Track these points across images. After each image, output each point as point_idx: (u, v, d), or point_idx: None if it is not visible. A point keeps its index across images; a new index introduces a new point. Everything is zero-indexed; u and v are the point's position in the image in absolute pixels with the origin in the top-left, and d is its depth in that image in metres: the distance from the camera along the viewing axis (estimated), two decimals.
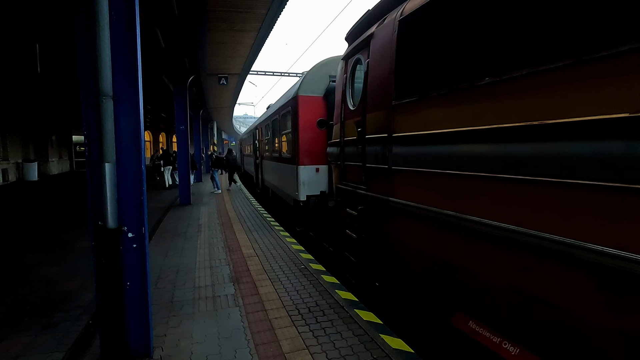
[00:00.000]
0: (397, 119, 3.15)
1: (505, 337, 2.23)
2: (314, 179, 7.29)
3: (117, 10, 2.46)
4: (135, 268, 2.69)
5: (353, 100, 4.28)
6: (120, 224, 2.58)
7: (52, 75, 12.41)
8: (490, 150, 2.17)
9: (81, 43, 2.49)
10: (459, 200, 2.44)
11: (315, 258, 5.55)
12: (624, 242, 1.50)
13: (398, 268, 3.34)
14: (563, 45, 1.76)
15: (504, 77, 2.08)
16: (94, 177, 2.51)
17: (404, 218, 3.12)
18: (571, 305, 1.75)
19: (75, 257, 5.55)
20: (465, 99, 2.40)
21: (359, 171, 3.93)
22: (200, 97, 17.30)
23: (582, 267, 1.67)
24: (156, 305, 3.74)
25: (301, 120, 7.23)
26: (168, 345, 3.00)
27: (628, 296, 1.51)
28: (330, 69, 7.25)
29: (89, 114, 2.50)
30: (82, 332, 3.23)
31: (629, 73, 1.49)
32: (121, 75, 2.53)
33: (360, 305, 3.77)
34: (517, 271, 2.03)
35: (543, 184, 1.83)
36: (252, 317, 3.47)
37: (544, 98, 1.85)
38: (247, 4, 7.30)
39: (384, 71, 3.41)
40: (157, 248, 6.07)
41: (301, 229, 8.10)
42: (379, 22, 3.74)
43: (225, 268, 4.98)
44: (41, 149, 21.24)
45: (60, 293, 4.12)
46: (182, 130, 11.26)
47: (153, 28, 8.09)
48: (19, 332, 3.21)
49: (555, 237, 1.77)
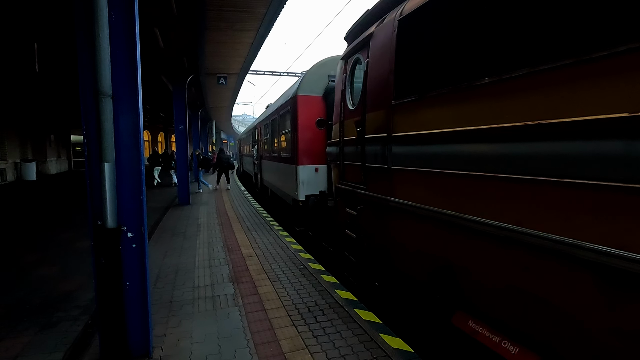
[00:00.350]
0: (397, 119, 3.16)
1: (505, 337, 2.24)
2: (313, 179, 7.29)
3: (116, 10, 2.46)
4: (135, 268, 2.68)
5: (352, 100, 4.28)
6: (120, 224, 2.58)
7: (51, 74, 12.36)
8: (490, 150, 2.18)
9: (80, 42, 2.48)
10: (459, 200, 2.44)
11: (314, 258, 5.55)
12: (623, 242, 1.50)
13: (397, 267, 3.34)
14: (561, 45, 1.77)
15: (503, 76, 2.09)
16: (93, 176, 2.50)
17: (404, 217, 3.12)
18: (571, 305, 1.76)
19: (73, 257, 5.54)
20: (464, 98, 2.40)
21: (359, 171, 3.93)
22: (199, 96, 17.27)
23: (582, 266, 1.68)
24: (155, 305, 3.73)
25: (300, 119, 7.23)
26: (167, 345, 2.99)
27: (628, 296, 1.52)
28: (330, 68, 7.25)
29: (88, 114, 2.49)
30: (82, 332, 3.22)
31: (627, 73, 1.49)
32: (120, 74, 2.52)
33: (359, 304, 3.77)
34: (516, 270, 2.03)
35: (542, 183, 1.84)
36: (252, 317, 3.47)
37: (543, 98, 1.85)
38: (247, 4, 7.28)
39: (383, 71, 3.41)
40: (157, 248, 6.06)
41: (300, 229, 8.10)
42: (378, 21, 3.74)
43: (224, 268, 4.97)
44: (39, 149, 21.17)
45: (59, 293, 4.11)
46: (181, 130, 11.24)
47: (152, 27, 8.06)
48: (18, 332, 3.21)
49: (554, 237, 1.77)
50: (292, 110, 7.52)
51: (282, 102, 8.77)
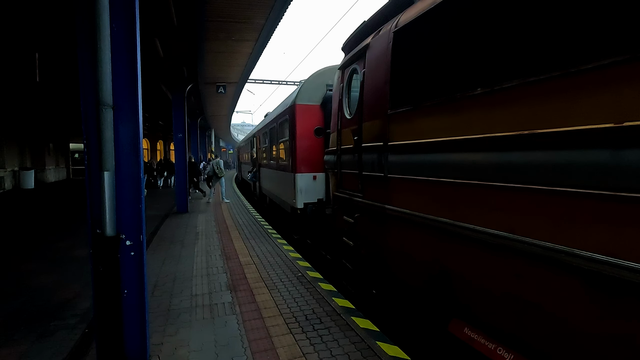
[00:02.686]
0: (393, 128, 3.21)
1: (500, 344, 2.26)
2: (311, 187, 7.32)
3: (117, 22, 2.52)
4: (133, 276, 2.70)
5: (350, 109, 4.34)
6: (119, 232, 2.60)
7: (51, 83, 12.46)
8: (482, 159, 2.22)
9: (82, 54, 2.53)
10: (454, 208, 2.48)
11: (312, 266, 5.55)
12: (613, 249, 1.54)
13: (394, 275, 3.36)
14: (550, 58, 1.83)
15: (495, 87, 2.14)
16: (93, 185, 2.53)
17: (400, 225, 3.15)
18: (563, 311, 1.78)
19: (71, 265, 5.53)
20: (458, 108, 2.45)
21: (356, 179, 3.97)
22: (198, 105, 17.39)
23: (572, 273, 1.71)
24: (153, 313, 3.73)
25: (298, 128, 7.29)
26: (165, 353, 2.99)
27: (618, 302, 1.55)
28: (327, 78, 7.35)
29: (89, 123, 2.53)
30: (79, 341, 3.21)
31: (613, 85, 1.55)
32: (121, 85, 2.57)
33: (357, 312, 3.78)
34: (510, 277, 2.06)
35: (534, 191, 1.88)
36: (249, 325, 3.47)
37: (534, 108, 1.91)
38: (246, 15, 7.41)
39: (379, 81, 3.48)
40: (155, 256, 6.06)
41: (298, 237, 8.10)
42: (374, 33, 3.82)
43: (222, 276, 4.97)
44: (38, 157, 21.17)
45: (57, 301, 4.11)
46: (180, 139, 11.29)
47: (152, 38, 8.18)
48: (15, 341, 3.20)
49: (545, 244, 1.81)
50: (291, 119, 7.59)
51: (281, 110, 8.85)
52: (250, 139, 17.45)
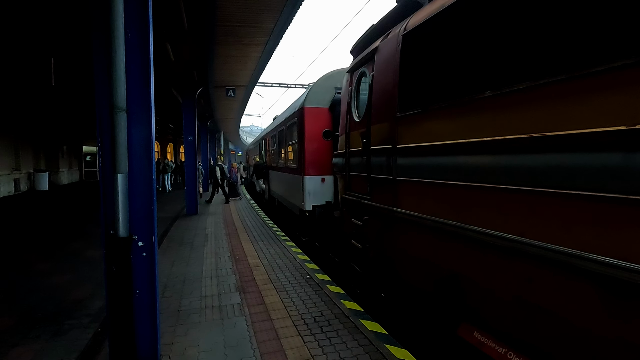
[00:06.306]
0: (401, 131, 3.21)
1: (510, 348, 2.24)
2: (319, 189, 7.34)
3: (132, 29, 2.58)
4: (145, 276, 2.75)
5: (358, 112, 4.35)
6: (131, 233, 2.65)
7: (66, 88, 12.74)
8: (492, 162, 2.21)
9: (97, 60, 2.60)
10: (463, 211, 2.47)
11: (320, 268, 5.56)
12: (627, 253, 1.52)
13: (403, 278, 3.35)
14: (561, 60, 1.82)
15: (504, 90, 2.14)
16: (107, 187, 2.59)
17: (409, 228, 3.14)
18: (575, 316, 1.76)
19: (84, 265, 5.64)
20: (467, 111, 2.45)
21: (364, 182, 3.98)
22: (208, 108, 17.58)
23: (585, 277, 1.69)
24: (163, 313, 3.78)
25: (307, 131, 7.33)
26: (175, 353, 3.03)
27: (632, 306, 1.53)
28: (336, 81, 7.37)
29: (103, 127, 2.59)
30: (91, 340, 3.28)
31: (625, 87, 1.54)
32: (135, 90, 2.63)
33: (365, 315, 3.77)
34: (520, 281, 2.05)
35: (544, 194, 1.87)
36: (258, 327, 3.50)
37: (544, 111, 1.90)
38: (255, 19, 7.49)
39: (388, 84, 3.49)
40: (165, 257, 6.14)
41: (307, 239, 8.12)
42: (383, 36, 3.84)
43: (231, 277, 5.01)
44: (52, 160, 21.65)
45: (70, 301, 4.19)
46: (190, 141, 11.44)
47: (164, 42, 8.31)
48: (30, 339, 3.28)
49: (557, 248, 1.79)
50: (299, 122, 7.63)
51: (290, 113, 8.91)
52: (258, 141, 17.58)
